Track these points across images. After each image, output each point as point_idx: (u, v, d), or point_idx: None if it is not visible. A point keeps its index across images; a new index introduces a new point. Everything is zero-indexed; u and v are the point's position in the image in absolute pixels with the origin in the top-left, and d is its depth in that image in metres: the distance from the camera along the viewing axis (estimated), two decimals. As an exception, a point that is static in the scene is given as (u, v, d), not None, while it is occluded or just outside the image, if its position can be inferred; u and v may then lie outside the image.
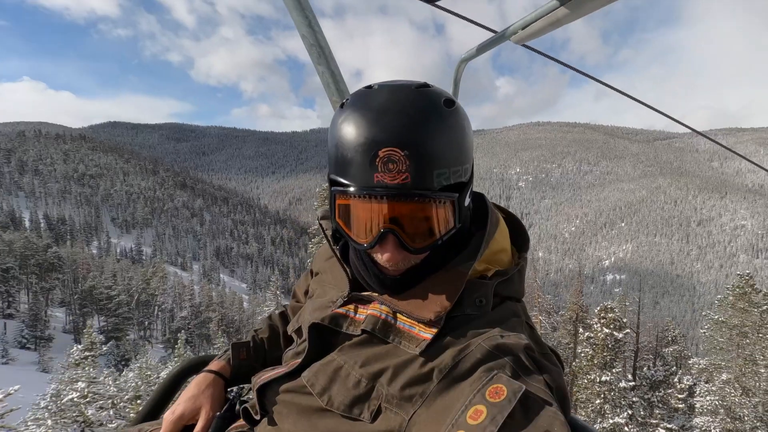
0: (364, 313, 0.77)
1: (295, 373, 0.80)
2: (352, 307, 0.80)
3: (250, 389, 0.89)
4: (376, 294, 0.78)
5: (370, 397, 0.69)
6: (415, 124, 0.67)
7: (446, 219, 0.71)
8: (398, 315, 0.74)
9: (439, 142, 0.67)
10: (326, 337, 0.79)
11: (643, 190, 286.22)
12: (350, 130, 0.68)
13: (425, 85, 0.73)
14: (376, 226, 0.70)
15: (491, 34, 1.53)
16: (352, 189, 0.69)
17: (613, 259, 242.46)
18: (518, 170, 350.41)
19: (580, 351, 17.97)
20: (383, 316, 0.74)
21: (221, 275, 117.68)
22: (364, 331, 0.74)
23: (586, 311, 20.97)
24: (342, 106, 0.73)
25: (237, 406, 0.90)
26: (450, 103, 0.71)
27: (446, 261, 0.76)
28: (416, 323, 0.72)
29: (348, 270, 0.85)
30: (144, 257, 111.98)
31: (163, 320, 56.75)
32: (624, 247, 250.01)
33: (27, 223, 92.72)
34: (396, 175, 0.66)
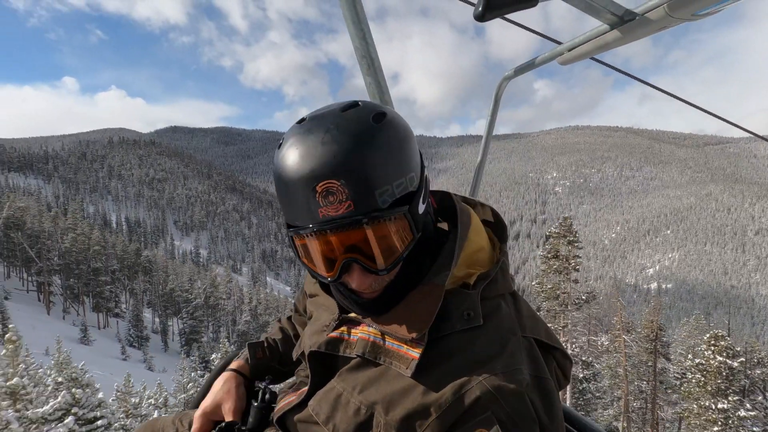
0: (356, 334, 0.78)
1: (304, 403, 0.82)
2: (345, 329, 0.81)
3: (272, 380, 0.99)
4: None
5: (372, 425, 0.69)
6: (345, 150, 0.66)
7: (402, 232, 0.71)
8: (386, 336, 0.74)
9: (373, 161, 0.67)
10: (327, 362, 0.81)
11: (692, 197, 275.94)
12: (286, 171, 0.68)
13: (352, 105, 0.72)
14: (336, 258, 0.71)
15: (537, 47, 2.59)
16: (302, 230, 0.70)
17: (657, 268, 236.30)
18: (555, 175, 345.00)
19: (688, 376, 17.92)
20: (371, 339, 0.75)
21: (267, 278, 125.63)
22: (357, 355, 0.76)
23: (663, 330, 20.38)
24: (279, 146, 0.73)
25: (267, 395, 0.95)
26: (379, 117, 0.70)
27: (422, 271, 0.76)
28: (402, 343, 0.72)
29: (333, 295, 0.86)
30: (201, 259, 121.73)
31: (225, 323, 60.23)
32: (670, 256, 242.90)
33: (114, 225, 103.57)
34: (338, 206, 0.66)
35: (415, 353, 0.70)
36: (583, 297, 20.23)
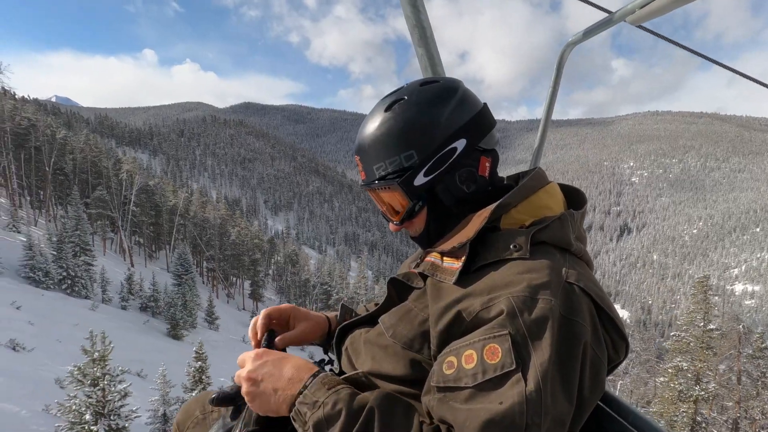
0: (428, 262, 0.86)
1: (373, 320, 0.89)
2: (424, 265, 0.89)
3: (331, 362, 1.01)
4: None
5: (429, 336, 0.76)
6: (360, 134, 0.90)
7: (397, 199, 0.89)
8: (444, 257, 0.82)
9: (373, 142, 0.87)
10: (403, 292, 0.88)
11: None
12: None
13: (396, 91, 0.91)
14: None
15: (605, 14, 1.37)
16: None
17: (743, 268, 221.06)
18: (632, 164, 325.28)
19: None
20: (432, 260, 0.84)
21: (351, 261, 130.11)
22: (418, 273, 0.85)
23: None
24: None
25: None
26: (390, 106, 0.87)
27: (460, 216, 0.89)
28: (448, 258, 0.81)
29: None
30: (291, 240, 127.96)
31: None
32: (759, 256, 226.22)
33: (215, 203, 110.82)
34: (359, 174, 0.93)
35: (459, 264, 0.77)
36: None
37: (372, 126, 0.88)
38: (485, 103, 0.91)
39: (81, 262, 32.77)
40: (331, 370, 0.97)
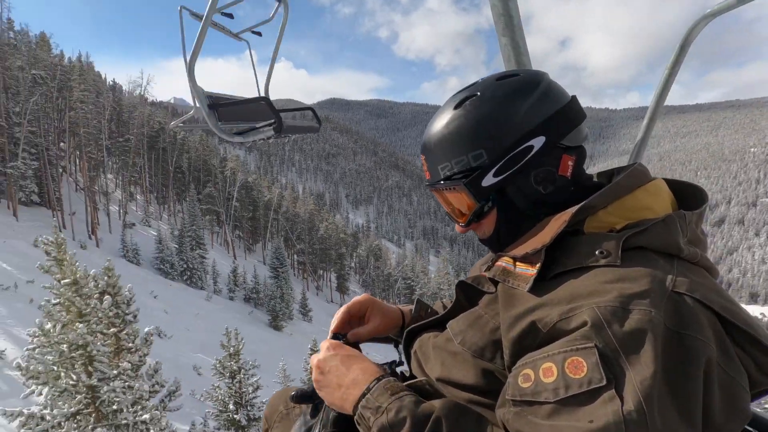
0: (500, 267, 0.81)
1: (441, 324, 0.86)
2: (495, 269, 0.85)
3: (399, 364, 0.97)
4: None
5: (501, 345, 0.71)
6: (427, 132, 0.88)
7: (463, 200, 0.85)
8: (516, 262, 0.77)
9: (438, 142, 0.84)
10: (472, 296, 0.84)
11: None
12: None
13: (462, 91, 0.87)
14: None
15: None
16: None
17: None
18: None
19: None
20: (504, 265, 0.79)
21: (430, 255, 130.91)
22: (489, 278, 0.80)
23: None
24: None
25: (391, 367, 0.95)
26: (460, 104, 0.83)
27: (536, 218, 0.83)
28: (522, 264, 0.75)
29: None
30: (371, 233, 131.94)
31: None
32: None
33: (301, 197, 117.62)
34: (425, 174, 0.90)
35: (534, 270, 0.72)
36: None
37: (439, 124, 0.85)
38: (573, 96, 0.85)
39: (197, 255, 37.20)
40: (401, 372, 0.94)
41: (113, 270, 8.84)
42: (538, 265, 0.72)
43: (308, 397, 0.91)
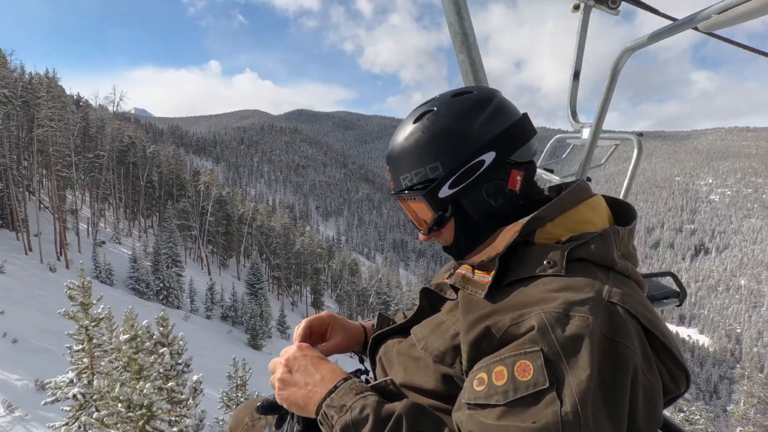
0: (460, 274, 0.84)
1: (406, 330, 0.90)
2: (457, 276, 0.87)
3: (366, 373, 1.01)
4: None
5: (460, 350, 0.74)
6: (390, 144, 0.92)
7: (423, 209, 0.90)
8: (475, 270, 0.81)
9: (399, 154, 0.89)
10: (435, 302, 0.89)
11: None
12: None
13: (421, 105, 0.92)
14: None
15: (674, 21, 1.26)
16: None
17: None
18: (710, 182, 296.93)
19: None
20: (464, 272, 0.82)
21: (400, 269, 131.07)
22: (450, 285, 0.85)
23: None
24: None
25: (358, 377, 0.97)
26: (419, 118, 0.88)
27: (489, 229, 0.87)
28: (479, 271, 0.80)
29: None
30: (342, 246, 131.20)
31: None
32: None
33: (271, 209, 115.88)
34: (390, 183, 0.94)
35: (489, 278, 0.76)
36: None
37: (400, 137, 0.89)
38: (524, 114, 0.89)
39: (173, 273, 36.16)
40: (366, 380, 0.96)
41: (168, 320, 8.79)
42: (493, 273, 0.76)
43: (274, 408, 0.92)
